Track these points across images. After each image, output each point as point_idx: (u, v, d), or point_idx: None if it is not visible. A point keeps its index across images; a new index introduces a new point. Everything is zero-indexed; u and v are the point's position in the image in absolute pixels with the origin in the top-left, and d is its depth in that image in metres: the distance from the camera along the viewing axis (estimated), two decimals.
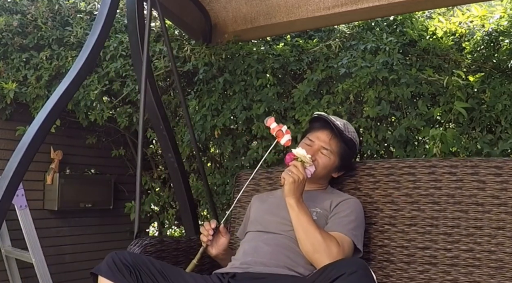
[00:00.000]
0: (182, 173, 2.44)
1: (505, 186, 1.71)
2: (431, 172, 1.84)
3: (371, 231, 1.89)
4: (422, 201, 1.83)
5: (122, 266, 1.50)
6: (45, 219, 3.63)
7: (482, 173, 1.75)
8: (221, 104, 2.98)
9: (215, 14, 2.87)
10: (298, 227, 1.64)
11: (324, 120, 1.89)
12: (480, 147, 2.34)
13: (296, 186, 1.65)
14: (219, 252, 1.82)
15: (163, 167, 3.73)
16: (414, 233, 1.81)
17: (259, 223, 1.84)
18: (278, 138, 1.74)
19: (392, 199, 1.89)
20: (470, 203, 1.75)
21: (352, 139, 1.90)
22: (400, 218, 1.85)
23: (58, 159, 3.63)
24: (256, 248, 1.72)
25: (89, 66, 1.93)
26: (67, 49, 3.37)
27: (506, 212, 1.68)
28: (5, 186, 1.60)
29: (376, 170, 1.96)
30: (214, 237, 1.81)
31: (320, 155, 1.84)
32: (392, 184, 1.91)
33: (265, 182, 2.19)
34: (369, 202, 1.93)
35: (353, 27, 2.98)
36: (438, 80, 2.49)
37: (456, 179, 1.79)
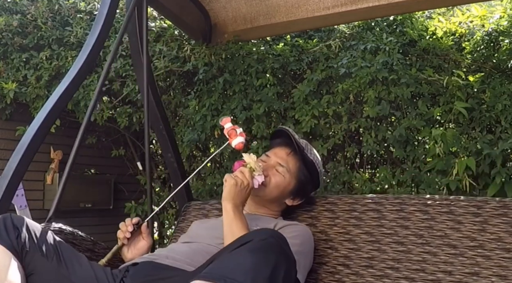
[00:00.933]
0: (182, 173, 2.44)
1: (484, 226, 1.52)
2: (399, 209, 1.66)
3: (321, 271, 1.66)
4: (385, 240, 1.63)
5: (11, 226, 1.34)
6: (45, 219, 3.62)
7: (459, 212, 1.57)
8: (221, 104, 2.97)
9: (215, 14, 2.86)
10: (228, 233, 1.43)
11: (286, 135, 1.71)
12: (480, 147, 2.34)
13: (237, 191, 1.48)
14: (134, 257, 1.57)
15: (163, 167, 3.73)
16: (370, 276, 1.59)
17: (189, 236, 1.65)
18: (230, 139, 1.57)
19: (350, 237, 1.68)
20: (440, 244, 1.54)
21: (314, 163, 1.70)
22: (356, 258, 1.64)
23: (58, 159, 3.63)
24: (174, 248, 1.56)
25: (89, 66, 1.93)
26: (67, 49, 3.37)
27: (483, 256, 1.48)
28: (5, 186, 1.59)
29: (338, 205, 1.77)
30: (134, 236, 1.61)
31: (274, 172, 1.65)
32: (353, 221, 1.71)
33: (215, 213, 1.99)
34: (324, 240, 1.72)
35: (353, 27, 2.98)
36: (438, 80, 2.49)
37: (428, 217, 1.60)
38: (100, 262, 1.57)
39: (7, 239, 1.32)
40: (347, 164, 2.92)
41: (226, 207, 1.49)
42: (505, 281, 1.44)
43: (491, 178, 2.30)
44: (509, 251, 1.47)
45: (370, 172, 3.09)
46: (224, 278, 1.05)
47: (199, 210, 2.01)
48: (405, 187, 2.60)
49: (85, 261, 1.46)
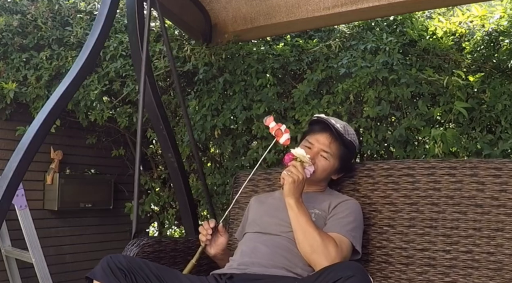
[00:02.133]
0: (182, 173, 2.44)
1: (504, 187, 1.69)
2: (430, 173, 1.83)
3: (370, 232, 1.87)
4: (421, 202, 1.81)
5: (117, 270, 1.48)
6: (45, 219, 3.63)
7: (481, 174, 1.74)
8: (221, 104, 2.98)
9: (215, 14, 2.86)
10: (297, 227, 1.63)
11: (324, 123, 1.87)
12: (480, 147, 2.34)
13: (295, 186, 1.64)
14: (218, 252, 1.81)
15: (163, 167, 3.74)
16: (413, 235, 1.79)
17: (257, 224, 1.82)
18: (277, 137, 1.72)
19: (391, 200, 1.87)
20: (469, 204, 1.73)
21: (352, 142, 1.88)
22: (399, 219, 1.83)
23: (58, 159, 3.63)
24: (254, 249, 1.71)
25: (89, 66, 1.93)
26: (67, 49, 3.37)
27: (505, 214, 1.67)
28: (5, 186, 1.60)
29: (375, 171, 1.95)
30: (213, 236, 1.79)
31: (320, 158, 1.82)
32: (391, 185, 1.89)
33: (264, 183, 2.17)
34: (367, 203, 1.91)
35: (353, 27, 2.98)
36: (438, 80, 2.49)
37: (455, 180, 1.77)
38: (190, 264, 1.77)
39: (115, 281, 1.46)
40: None
41: (289, 203, 1.66)
42: None
43: None
44: None
45: None
46: None
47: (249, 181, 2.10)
48: None
49: (182, 276, 1.61)
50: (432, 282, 1.72)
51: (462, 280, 1.68)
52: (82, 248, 3.81)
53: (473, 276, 1.66)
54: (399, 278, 1.78)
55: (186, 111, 2.56)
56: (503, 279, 1.61)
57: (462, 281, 1.68)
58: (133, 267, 1.51)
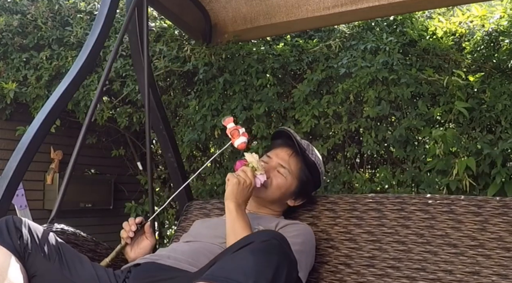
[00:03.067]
0: (182, 173, 2.44)
1: (484, 226, 1.52)
2: (400, 209, 1.66)
3: (322, 271, 1.67)
4: (386, 239, 1.63)
5: (13, 229, 1.33)
6: (45, 219, 3.61)
7: (459, 211, 1.57)
8: (221, 104, 2.97)
9: (215, 14, 2.86)
10: (231, 233, 1.44)
11: (287, 136, 1.71)
12: (480, 147, 2.34)
13: (239, 189, 1.49)
14: (137, 257, 1.58)
15: (163, 167, 3.73)
16: (370, 275, 1.59)
17: (191, 235, 1.64)
18: (232, 139, 1.57)
19: (351, 236, 1.69)
20: (441, 243, 1.55)
21: (315, 164, 1.70)
22: (357, 257, 1.65)
23: (58, 159, 3.63)
24: (175, 247, 1.55)
25: (89, 66, 1.92)
26: (67, 49, 3.37)
27: (484, 255, 1.48)
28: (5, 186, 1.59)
29: (338, 204, 1.77)
30: (137, 236, 1.62)
31: (276, 174, 1.65)
32: (354, 220, 1.72)
33: (217, 212, 1.99)
34: (325, 239, 1.73)
35: (353, 27, 2.98)
36: (438, 80, 2.49)
37: (428, 216, 1.61)
38: (103, 262, 1.57)
39: (9, 241, 1.31)
40: (347, 164, 2.92)
41: (228, 206, 1.49)
42: (506, 280, 1.43)
43: (491, 178, 2.30)
44: (509, 250, 1.47)
45: (370, 172, 3.09)
46: (226, 279, 1.06)
47: (200, 210, 2.01)
48: (405, 187, 2.60)
49: (87, 262, 1.46)
50: None
51: None
52: None
53: None
54: None
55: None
56: None
57: None
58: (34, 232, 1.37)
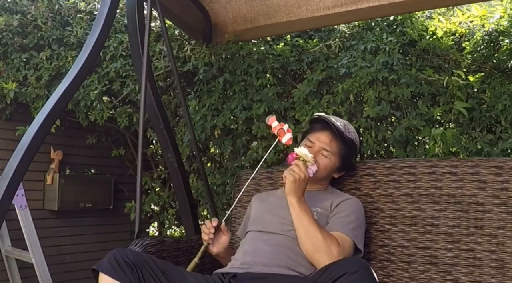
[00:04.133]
0: (182, 173, 2.44)
1: (505, 185, 1.70)
2: (431, 172, 1.83)
3: (372, 230, 1.88)
4: (423, 200, 1.82)
5: (123, 264, 1.49)
6: (45, 219, 3.63)
7: (483, 172, 1.75)
8: (221, 104, 2.97)
9: (215, 14, 2.87)
10: (299, 226, 1.64)
11: (324, 122, 1.88)
12: (480, 146, 2.34)
13: (297, 185, 1.64)
14: (220, 251, 1.82)
15: (163, 167, 3.73)
16: (414, 233, 1.80)
17: (259, 222, 1.83)
18: (280, 137, 1.72)
19: (392, 199, 1.88)
20: (470, 203, 1.74)
21: (353, 140, 1.89)
22: (400, 217, 1.84)
23: (58, 159, 3.63)
24: (256, 248, 1.72)
25: (89, 66, 1.93)
26: (67, 49, 3.37)
27: (507, 212, 1.68)
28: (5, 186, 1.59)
29: (377, 169, 1.96)
30: (215, 235, 1.80)
31: (321, 156, 1.83)
32: (393, 184, 1.90)
33: (266, 181, 2.18)
34: (369, 202, 1.92)
35: (353, 27, 2.98)
36: (438, 80, 2.49)
37: (457, 178, 1.78)
38: (192, 262, 1.75)
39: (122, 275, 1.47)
40: None
41: (291, 202, 1.66)
42: None
43: None
44: None
45: None
46: None
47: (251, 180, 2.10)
48: None
49: (186, 273, 1.61)
50: (434, 280, 1.73)
51: (464, 278, 1.69)
52: (82, 248, 3.80)
53: (475, 274, 1.67)
54: (401, 276, 1.79)
55: (187, 111, 2.56)
56: (505, 277, 1.63)
57: (464, 279, 1.69)
58: (140, 261, 1.52)
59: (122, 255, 1.51)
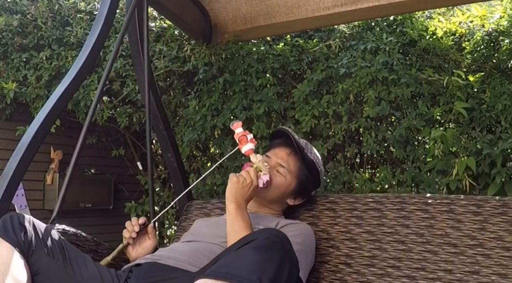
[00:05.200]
0: (182, 173, 2.44)
1: (484, 225, 1.53)
2: (399, 208, 1.67)
3: (323, 270, 1.68)
4: (386, 239, 1.65)
5: (18, 225, 1.33)
6: (45, 219, 3.61)
7: (459, 211, 1.58)
8: (221, 104, 2.97)
9: (215, 14, 2.86)
10: (231, 232, 1.44)
11: (285, 135, 1.72)
12: (480, 147, 2.34)
13: (239, 188, 1.48)
14: (139, 256, 1.59)
15: (163, 167, 3.73)
16: (371, 275, 1.60)
17: (192, 234, 1.66)
18: (240, 145, 1.57)
19: (351, 236, 1.70)
20: (441, 243, 1.56)
21: (314, 163, 1.71)
22: (357, 257, 1.66)
23: (58, 159, 3.63)
24: (175, 247, 1.57)
25: (89, 66, 1.93)
26: (67, 49, 3.37)
27: (483, 255, 1.50)
28: (5, 186, 1.59)
29: (339, 204, 1.78)
30: (139, 236, 1.62)
31: (275, 173, 1.65)
32: (354, 220, 1.73)
33: (217, 212, 2.01)
34: (325, 239, 1.74)
35: (353, 27, 2.98)
36: (438, 80, 2.49)
37: (428, 216, 1.62)
38: (104, 260, 1.58)
39: (13, 237, 1.31)
40: (347, 164, 2.92)
41: (228, 206, 1.49)
42: (505, 279, 1.45)
43: (491, 178, 2.30)
44: (509, 250, 1.49)
45: (370, 172, 3.09)
46: (230, 275, 1.06)
47: (201, 209, 2.02)
48: (405, 187, 2.60)
49: (90, 261, 1.47)
50: None
51: None
52: None
53: None
54: None
55: None
56: None
57: None
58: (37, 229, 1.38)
59: (20, 218, 1.36)
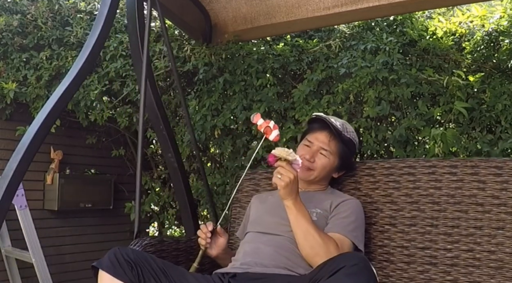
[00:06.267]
0: (182, 173, 2.44)
1: (505, 186, 1.70)
2: (431, 172, 1.84)
3: (371, 231, 1.88)
4: (422, 201, 1.82)
5: (123, 262, 1.49)
6: (45, 219, 3.63)
7: (482, 173, 1.75)
8: (221, 104, 2.98)
9: (215, 14, 2.87)
10: (297, 229, 1.63)
11: (322, 121, 1.89)
12: (480, 147, 2.34)
13: (290, 188, 1.61)
14: (219, 253, 1.82)
15: (163, 167, 3.73)
16: (414, 233, 1.81)
17: (259, 223, 1.83)
18: (266, 135, 1.71)
19: (392, 199, 1.89)
20: (470, 203, 1.74)
21: (351, 140, 1.90)
22: (400, 218, 1.85)
23: (58, 159, 3.63)
24: (257, 250, 1.72)
25: (89, 66, 1.93)
26: (67, 49, 3.37)
27: (506, 212, 1.68)
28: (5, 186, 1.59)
29: (376, 170, 1.96)
30: (212, 238, 1.80)
31: (320, 156, 1.84)
32: (392, 184, 1.90)
33: (265, 182, 2.18)
34: (369, 202, 1.93)
35: (353, 27, 2.98)
36: (438, 80, 2.49)
37: (456, 179, 1.79)
38: (192, 268, 1.76)
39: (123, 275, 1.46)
40: None
41: (287, 205, 1.63)
42: None
43: None
44: None
45: None
46: None
47: (250, 180, 2.16)
48: None
49: (187, 274, 1.62)
50: (433, 281, 1.73)
51: (463, 278, 1.70)
52: (82, 248, 3.80)
53: (474, 274, 1.68)
54: (400, 277, 1.80)
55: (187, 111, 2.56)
56: (504, 277, 1.63)
57: (463, 279, 1.70)
58: (140, 260, 1.52)
59: (122, 253, 1.51)
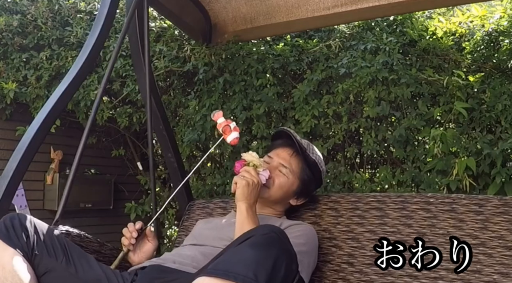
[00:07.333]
0: (182, 173, 2.44)
1: (485, 224, 1.55)
2: (401, 207, 1.68)
3: (325, 269, 1.70)
4: (388, 238, 1.64)
5: (20, 228, 1.32)
6: (45, 219, 3.60)
7: (461, 210, 1.59)
8: (221, 104, 2.97)
9: (215, 14, 2.86)
10: (239, 232, 1.41)
11: (287, 136, 1.72)
12: (480, 147, 2.34)
13: (249, 190, 1.49)
14: (142, 260, 1.59)
15: (163, 167, 3.73)
16: (373, 274, 1.61)
17: (195, 237, 1.66)
18: (224, 135, 1.55)
19: (354, 235, 1.71)
20: (443, 242, 1.57)
21: (317, 163, 1.72)
22: (360, 256, 1.66)
23: (58, 159, 3.63)
24: (179, 251, 1.58)
25: (89, 66, 1.93)
26: (67, 49, 3.37)
27: (485, 254, 1.51)
28: (5, 186, 1.59)
29: (341, 203, 1.79)
30: (138, 241, 1.61)
31: (278, 173, 1.66)
32: (356, 219, 1.73)
33: (219, 211, 2.01)
34: (328, 238, 1.75)
35: (353, 27, 2.98)
36: (438, 80, 2.49)
37: (430, 215, 1.63)
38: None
39: (16, 240, 1.30)
40: (347, 164, 2.92)
41: (240, 207, 1.50)
42: (507, 278, 1.46)
43: (491, 178, 2.30)
44: (510, 249, 1.50)
45: (370, 172, 3.09)
46: (227, 272, 1.09)
47: (203, 209, 2.03)
48: (405, 187, 2.60)
49: (94, 262, 1.46)
50: None
51: None
52: None
53: None
54: None
55: None
56: None
57: None
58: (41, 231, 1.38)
59: (21, 219, 1.35)
